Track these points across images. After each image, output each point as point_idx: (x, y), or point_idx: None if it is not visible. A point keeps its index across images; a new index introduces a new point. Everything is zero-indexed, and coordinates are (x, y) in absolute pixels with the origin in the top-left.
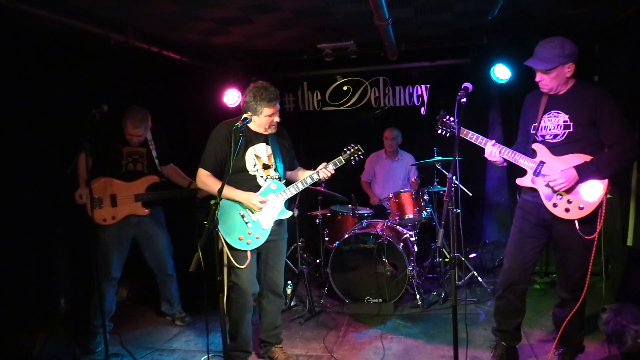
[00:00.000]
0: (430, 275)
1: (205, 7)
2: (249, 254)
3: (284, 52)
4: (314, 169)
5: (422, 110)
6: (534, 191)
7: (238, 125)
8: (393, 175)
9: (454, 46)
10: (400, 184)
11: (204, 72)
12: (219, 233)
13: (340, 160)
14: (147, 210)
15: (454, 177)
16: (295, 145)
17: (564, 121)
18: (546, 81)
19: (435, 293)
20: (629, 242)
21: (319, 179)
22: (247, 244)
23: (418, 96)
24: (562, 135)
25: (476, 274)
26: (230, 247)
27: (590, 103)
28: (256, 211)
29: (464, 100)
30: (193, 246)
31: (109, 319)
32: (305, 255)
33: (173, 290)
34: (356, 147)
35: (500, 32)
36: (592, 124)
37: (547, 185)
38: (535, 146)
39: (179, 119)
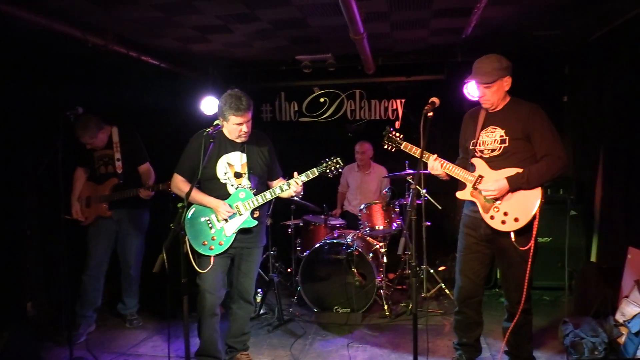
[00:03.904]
0: (400, 287)
1: (185, 14)
2: (211, 259)
3: (263, 62)
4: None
5: (397, 124)
6: (473, 205)
7: (208, 131)
8: (365, 188)
9: (429, 62)
10: (372, 196)
11: (183, 79)
12: (186, 237)
13: (314, 172)
14: (109, 212)
15: (424, 190)
16: None
17: (500, 136)
18: (488, 96)
19: (403, 304)
20: (593, 258)
21: (290, 193)
22: (210, 249)
23: (393, 110)
24: (499, 150)
25: (444, 286)
26: (194, 251)
27: (524, 118)
28: (222, 218)
29: (430, 114)
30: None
31: (92, 310)
32: (277, 265)
33: (131, 292)
34: (334, 160)
35: (474, 51)
36: (526, 138)
37: (484, 198)
38: (474, 160)
39: (156, 125)
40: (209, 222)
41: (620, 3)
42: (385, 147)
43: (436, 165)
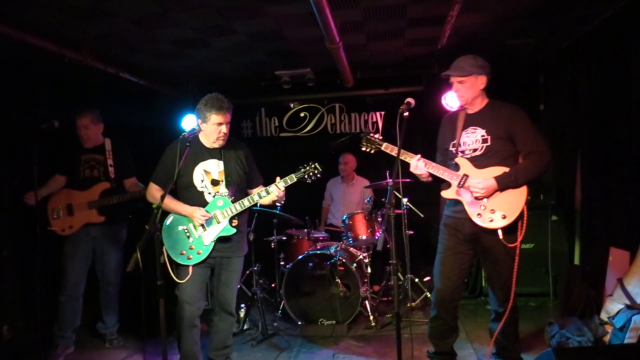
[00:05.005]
0: (385, 299)
1: (161, 27)
2: (190, 269)
3: (242, 78)
4: None
5: (377, 136)
6: (458, 205)
7: (184, 134)
8: (348, 199)
9: (407, 74)
10: (355, 208)
11: (163, 96)
12: (163, 247)
13: (292, 178)
14: (102, 217)
15: (406, 199)
16: None
17: (482, 135)
18: (462, 92)
19: (389, 315)
20: (576, 261)
21: (272, 198)
22: (189, 259)
23: (373, 123)
24: (481, 149)
25: (429, 295)
26: (172, 261)
27: (505, 118)
28: (199, 226)
29: (406, 114)
30: (147, 261)
31: (71, 330)
32: (261, 281)
33: (111, 310)
34: (312, 166)
35: (451, 62)
36: (508, 137)
37: (471, 196)
38: (458, 160)
39: (136, 143)
40: (186, 231)
41: (588, 9)
42: (363, 149)
43: (420, 164)
